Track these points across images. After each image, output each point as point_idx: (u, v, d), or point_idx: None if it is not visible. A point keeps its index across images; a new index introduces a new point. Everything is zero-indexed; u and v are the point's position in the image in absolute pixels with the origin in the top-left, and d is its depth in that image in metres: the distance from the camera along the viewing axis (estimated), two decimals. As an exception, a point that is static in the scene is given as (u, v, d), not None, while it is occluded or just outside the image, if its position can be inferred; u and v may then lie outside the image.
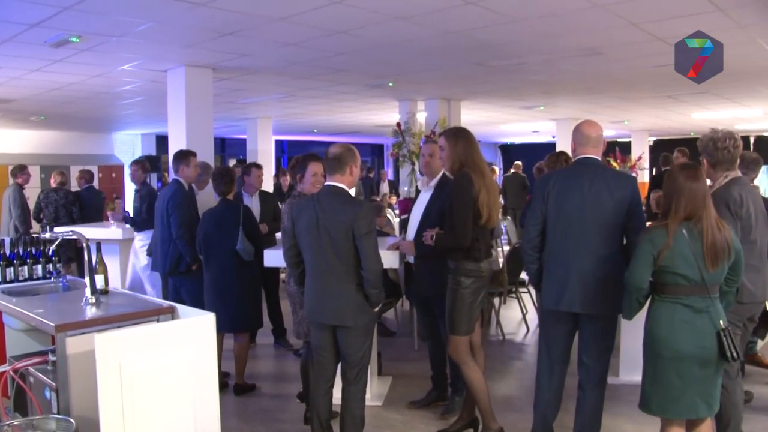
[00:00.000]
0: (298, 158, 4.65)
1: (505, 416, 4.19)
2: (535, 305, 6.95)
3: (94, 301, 3.40)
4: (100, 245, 3.74)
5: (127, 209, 8.91)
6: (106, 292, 3.64)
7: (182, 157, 5.68)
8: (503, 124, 16.12)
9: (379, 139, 21.60)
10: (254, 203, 6.16)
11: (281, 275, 6.73)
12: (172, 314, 3.30)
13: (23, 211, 8.68)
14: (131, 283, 6.82)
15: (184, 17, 5.44)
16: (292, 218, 3.64)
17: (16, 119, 12.89)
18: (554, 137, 16.09)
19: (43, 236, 4.13)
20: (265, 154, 14.51)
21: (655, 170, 15.21)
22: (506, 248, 6.90)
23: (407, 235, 4.53)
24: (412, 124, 10.71)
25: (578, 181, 3.47)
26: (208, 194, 5.97)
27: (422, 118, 11.26)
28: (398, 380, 5.22)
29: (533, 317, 6.98)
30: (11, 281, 4.04)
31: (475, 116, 13.46)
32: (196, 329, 2.95)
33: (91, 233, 6.42)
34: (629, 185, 3.47)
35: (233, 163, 17.95)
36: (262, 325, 5.40)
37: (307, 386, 4.29)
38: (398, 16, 5.53)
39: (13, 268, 4.06)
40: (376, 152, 24.21)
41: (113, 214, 7.37)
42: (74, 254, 8.35)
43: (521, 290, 7.08)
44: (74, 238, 3.81)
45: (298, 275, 3.72)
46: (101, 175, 15.22)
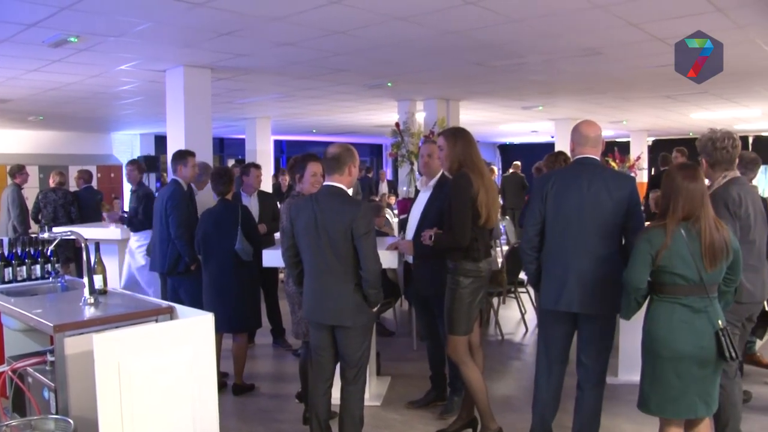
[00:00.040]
0: (296, 158, 4.65)
1: (503, 416, 4.19)
2: (533, 305, 6.95)
3: (92, 301, 3.39)
4: (98, 245, 3.74)
5: (125, 209, 8.87)
6: (104, 292, 3.64)
7: (180, 157, 5.68)
8: (502, 124, 16.13)
9: (377, 139, 21.61)
10: (253, 203, 6.16)
11: (280, 275, 6.73)
12: (170, 314, 3.29)
13: (22, 211, 8.67)
14: (126, 283, 6.80)
15: (182, 17, 5.44)
16: (290, 218, 3.63)
17: (14, 119, 12.88)
18: (553, 137, 16.09)
19: (41, 236, 4.12)
20: (263, 154, 14.51)
21: (653, 170, 15.24)
22: (505, 248, 6.91)
23: (406, 234, 4.53)
24: (410, 124, 10.72)
25: (577, 181, 3.47)
26: (207, 194, 5.97)
27: (421, 118, 11.26)
28: (397, 380, 5.22)
29: (532, 317, 6.98)
30: (9, 281, 4.03)
31: (473, 116, 13.46)
32: (194, 329, 2.94)
33: (89, 233, 6.42)
34: (628, 185, 3.47)
35: (232, 163, 17.95)
36: (260, 325, 5.40)
37: (305, 386, 4.29)
38: (397, 16, 5.53)
39: (11, 268, 4.06)
40: (374, 152, 24.21)
41: (109, 214, 7.32)
42: (73, 254, 8.34)
43: (520, 290, 7.08)
44: (73, 238, 3.81)
45: (296, 275, 3.72)
46: (100, 175, 15.22)
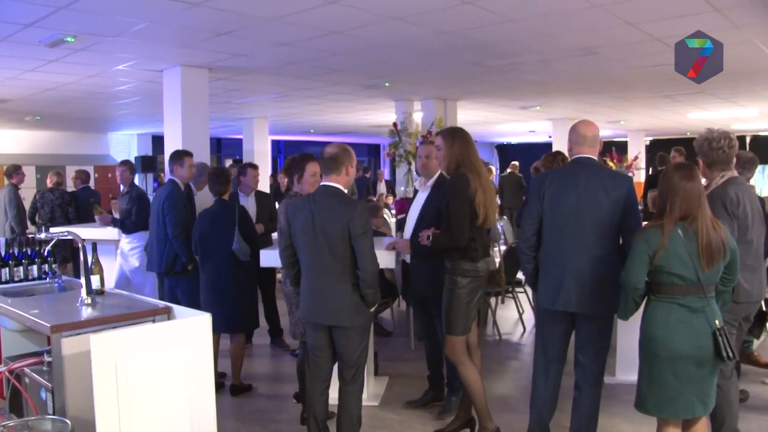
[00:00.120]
0: (294, 158, 4.65)
1: (501, 416, 4.19)
2: (531, 305, 6.95)
3: (89, 301, 3.39)
4: (95, 245, 3.73)
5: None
6: (101, 292, 3.63)
7: (177, 157, 5.67)
8: (500, 124, 16.14)
9: (375, 139, 21.61)
10: (250, 203, 6.15)
11: (278, 275, 6.72)
12: (168, 315, 3.29)
13: (19, 211, 8.64)
14: (116, 286, 6.73)
15: (179, 17, 5.43)
16: (287, 218, 3.63)
17: (11, 119, 12.86)
18: (550, 137, 16.12)
19: (38, 236, 4.11)
20: (261, 154, 14.51)
21: (651, 170, 15.25)
22: (503, 248, 6.91)
23: (404, 234, 4.53)
24: (408, 124, 10.73)
25: (574, 180, 3.47)
26: (206, 194, 5.95)
27: (419, 118, 11.27)
28: (395, 380, 5.22)
29: (530, 317, 6.98)
30: (7, 282, 4.03)
31: (471, 116, 13.47)
32: (192, 329, 2.94)
33: (86, 233, 6.39)
34: (625, 185, 3.47)
35: (229, 163, 17.94)
36: (258, 325, 5.39)
37: (303, 386, 4.28)
38: (394, 16, 5.53)
39: (8, 268, 4.05)
40: (372, 152, 24.23)
41: (101, 217, 7.16)
42: (70, 254, 8.32)
43: (518, 290, 7.09)
44: (70, 238, 3.80)
45: (293, 275, 3.71)
46: (97, 175, 15.19)
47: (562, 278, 3.44)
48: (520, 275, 6.62)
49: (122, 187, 6.92)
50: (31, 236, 4.30)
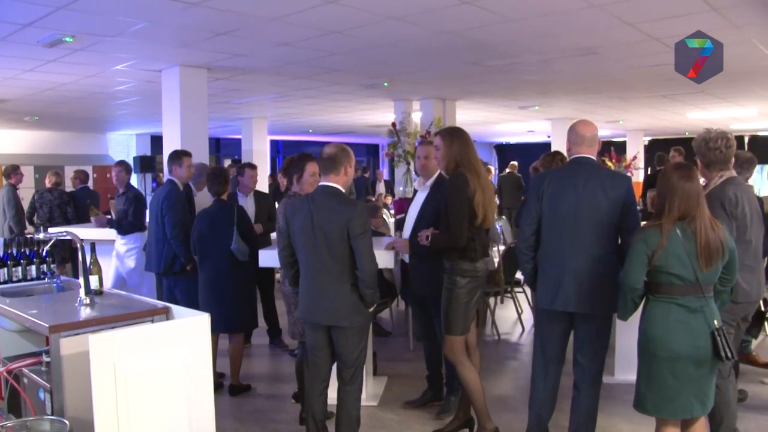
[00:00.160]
0: (292, 158, 4.64)
1: (500, 416, 4.19)
2: (530, 305, 6.95)
3: (88, 301, 3.39)
4: (94, 246, 3.72)
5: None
6: (100, 292, 3.63)
7: (176, 157, 5.67)
8: (498, 123, 16.14)
9: (374, 139, 21.61)
10: (249, 203, 6.15)
11: (276, 275, 6.72)
12: (166, 315, 3.29)
13: (17, 211, 8.64)
14: (112, 287, 6.69)
15: (178, 17, 5.43)
16: (286, 218, 3.63)
17: (9, 119, 12.85)
18: (549, 137, 16.12)
19: (36, 237, 4.11)
20: (260, 154, 14.51)
21: (650, 170, 15.25)
22: (502, 248, 6.91)
23: (403, 233, 4.53)
24: (407, 123, 10.73)
25: (573, 180, 3.47)
26: (206, 195, 5.94)
27: (417, 117, 11.27)
28: (394, 380, 5.22)
29: (528, 317, 6.98)
30: (5, 282, 4.02)
31: (470, 116, 13.47)
32: (190, 330, 2.94)
33: (85, 234, 6.39)
34: (624, 185, 3.47)
35: (228, 163, 17.93)
36: (257, 325, 5.39)
37: (302, 386, 4.28)
38: (393, 15, 5.53)
39: (6, 269, 4.04)
40: (371, 152, 24.23)
41: (96, 219, 7.09)
42: (69, 254, 8.31)
43: (517, 290, 7.09)
44: (68, 238, 3.80)
45: (292, 275, 3.70)
46: (96, 175, 15.17)
47: (560, 278, 3.44)
48: (518, 275, 6.63)
49: (119, 187, 6.80)
50: (29, 236, 4.29)
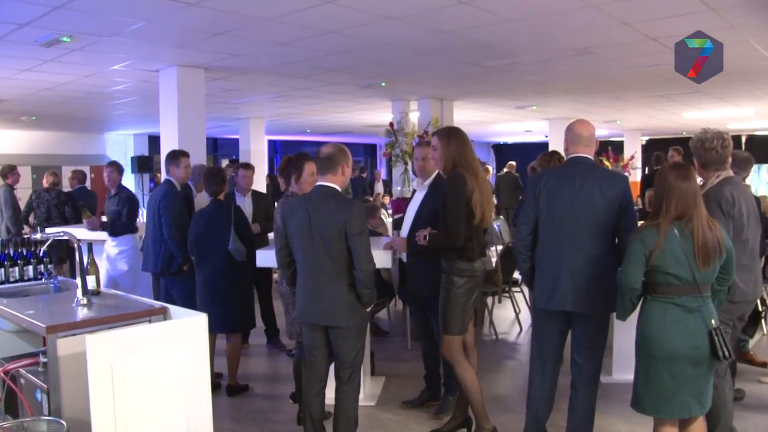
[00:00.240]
0: (289, 158, 4.64)
1: (498, 416, 4.19)
2: (528, 305, 6.96)
3: (85, 302, 3.37)
4: (91, 246, 3.72)
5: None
6: (97, 293, 3.62)
7: (173, 157, 5.66)
8: (496, 123, 16.15)
9: (371, 138, 21.61)
10: (246, 203, 6.15)
11: (274, 275, 6.71)
12: (164, 315, 3.28)
13: (15, 212, 8.62)
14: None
15: (175, 17, 5.42)
16: (283, 218, 3.63)
17: (6, 119, 12.83)
18: (547, 137, 16.12)
19: (33, 237, 4.10)
20: (257, 154, 14.50)
21: (647, 169, 15.27)
22: (499, 248, 6.91)
23: (401, 233, 4.54)
24: (404, 123, 10.73)
25: (570, 180, 3.47)
26: (206, 195, 5.93)
27: (415, 117, 11.26)
28: (391, 380, 5.22)
29: (526, 317, 6.99)
30: (2, 282, 4.00)
31: (467, 116, 13.47)
32: (188, 330, 2.93)
33: (82, 234, 6.38)
34: (621, 185, 3.47)
35: (226, 163, 17.92)
36: (254, 325, 5.38)
37: (299, 386, 4.27)
38: (391, 15, 5.52)
39: (3, 269, 4.03)
40: (369, 152, 24.22)
41: (89, 221, 6.99)
42: (66, 255, 8.30)
43: (514, 290, 7.09)
44: (66, 239, 3.79)
45: (289, 275, 3.70)
46: (93, 175, 15.14)
47: (558, 277, 3.44)
48: (516, 275, 6.63)
49: (110, 188, 6.69)
50: (26, 237, 4.28)
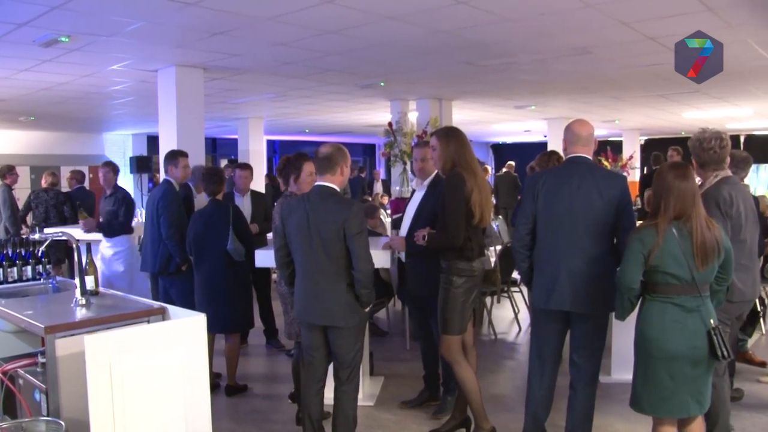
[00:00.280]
0: (288, 158, 4.64)
1: (497, 416, 4.19)
2: (527, 305, 6.96)
3: (84, 302, 3.37)
4: (90, 246, 3.73)
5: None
6: (96, 293, 3.62)
7: (172, 157, 5.66)
8: (495, 123, 16.15)
9: (370, 138, 21.61)
10: (245, 203, 6.15)
11: (273, 275, 6.71)
12: (162, 315, 3.28)
13: (13, 212, 8.61)
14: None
15: (174, 17, 5.42)
16: (282, 218, 3.62)
17: (4, 119, 12.81)
18: (546, 136, 16.13)
19: (32, 237, 4.10)
20: (256, 154, 14.50)
21: (646, 169, 15.28)
22: (498, 247, 6.91)
23: (400, 232, 4.54)
24: (403, 123, 10.72)
25: (568, 180, 3.47)
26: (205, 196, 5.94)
27: (414, 117, 11.26)
28: (390, 380, 5.22)
29: (525, 317, 6.99)
30: (0, 283, 4.01)
31: (466, 116, 13.48)
32: (186, 330, 2.93)
33: (80, 234, 6.37)
34: (619, 185, 3.47)
35: (224, 163, 17.91)
36: (253, 325, 5.38)
37: (298, 387, 4.28)
38: (389, 15, 5.52)
39: (2, 269, 4.03)
40: (367, 152, 24.21)
41: (85, 222, 6.91)
42: (64, 255, 8.29)
43: (513, 290, 7.10)
44: (64, 239, 3.79)
45: (288, 275, 3.70)
46: (92, 175, 15.13)
47: (556, 277, 3.44)
48: (515, 275, 6.63)
49: (106, 189, 6.58)
50: (25, 237, 4.28)
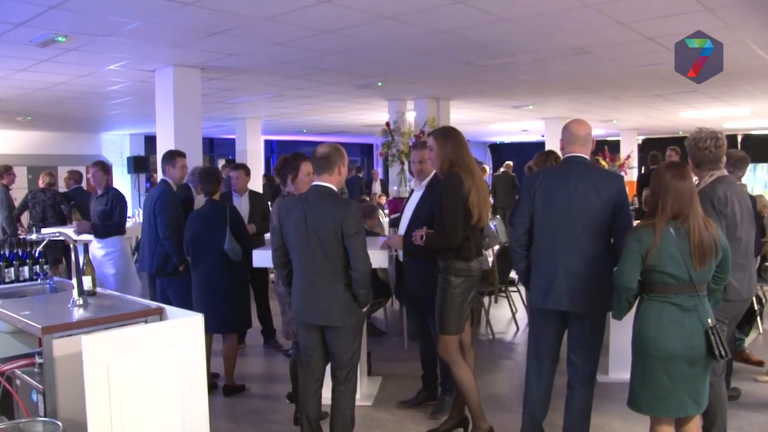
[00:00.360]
0: (285, 158, 4.63)
1: (495, 415, 4.20)
2: (524, 304, 6.96)
3: (81, 302, 3.37)
4: (87, 246, 3.72)
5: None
6: (93, 293, 3.61)
7: (169, 157, 5.66)
8: (492, 123, 16.16)
9: (368, 138, 21.61)
10: (243, 203, 6.14)
11: (270, 275, 6.71)
12: (160, 315, 3.28)
13: (10, 212, 8.60)
14: None
15: (171, 16, 5.41)
16: (279, 218, 3.62)
17: (1, 119, 12.79)
18: (543, 136, 16.13)
19: (29, 237, 4.09)
20: (254, 154, 14.50)
21: (643, 169, 15.30)
22: (496, 247, 6.92)
23: (398, 231, 4.54)
24: (401, 123, 10.73)
25: (566, 180, 3.47)
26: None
27: (411, 117, 11.27)
28: (388, 380, 5.22)
29: (523, 316, 6.99)
30: (-3, 283, 4.01)
31: (464, 115, 13.48)
32: (184, 330, 2.93)
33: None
34: (616, 184, 3.47)
35: (222, 163, 17.89)
36: (251, 325, 5.38)
37: (296, 387, 4.28)
38: (387, 15, 5.52)
39: (-1, 270, 4.03)
40: (365, 152, 24.21)
41: (78, 223, 6.75)
42: (61, 255, 8.27)
43: (511, 289, 7.10)
44: (61, 239, 3.78)
45: (285, 275, 3.70)
46: (89, 175, 15.11)
47: (553, 277, 3.44)
48: (513, 274, 6.64)
49: (97, 189, 6.51)
50: (22, 237, 4.27)
